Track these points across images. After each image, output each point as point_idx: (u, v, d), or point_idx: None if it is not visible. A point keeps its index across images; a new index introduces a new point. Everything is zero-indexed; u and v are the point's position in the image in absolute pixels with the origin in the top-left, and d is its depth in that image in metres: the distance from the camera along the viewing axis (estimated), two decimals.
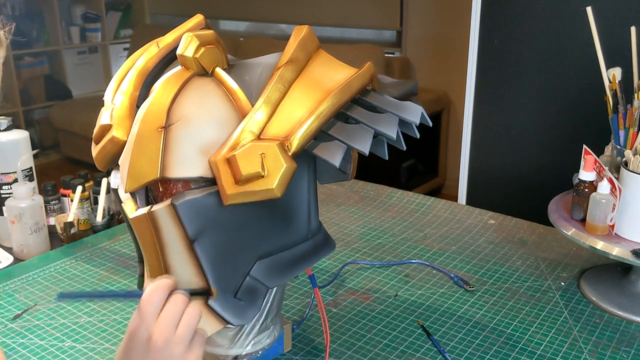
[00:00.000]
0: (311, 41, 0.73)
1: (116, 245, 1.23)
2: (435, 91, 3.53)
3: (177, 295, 0.64)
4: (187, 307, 0.63)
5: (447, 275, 1.10)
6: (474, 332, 0.93)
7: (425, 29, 3.64)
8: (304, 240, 0.76)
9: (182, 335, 0.62)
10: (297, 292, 1.05)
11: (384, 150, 0.75)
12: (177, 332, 0.62)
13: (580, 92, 1.39)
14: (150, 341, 0.61)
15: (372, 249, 1.20)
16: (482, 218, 1.33)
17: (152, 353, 0.61)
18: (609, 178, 0.96)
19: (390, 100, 0.71)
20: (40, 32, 4.30)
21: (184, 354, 0.62)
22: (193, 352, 0.63)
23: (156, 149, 0.68)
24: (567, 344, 0.90)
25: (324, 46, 0.75)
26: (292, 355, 0.89)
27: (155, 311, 0.62)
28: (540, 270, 1.11)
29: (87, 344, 0.91)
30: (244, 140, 0.66)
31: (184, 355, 0.62)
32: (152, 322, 0.62)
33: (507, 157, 1.56)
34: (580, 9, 1.25)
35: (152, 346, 0.61)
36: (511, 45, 1.49)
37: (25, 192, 1.21)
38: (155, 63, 0.77)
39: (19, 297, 1.04)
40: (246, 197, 0.65)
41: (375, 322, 0.96)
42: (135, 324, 0.62)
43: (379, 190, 1.49)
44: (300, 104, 0.68)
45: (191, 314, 0.63)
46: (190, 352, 0.63)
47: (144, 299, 0.62)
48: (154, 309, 0.62)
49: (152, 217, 0.69)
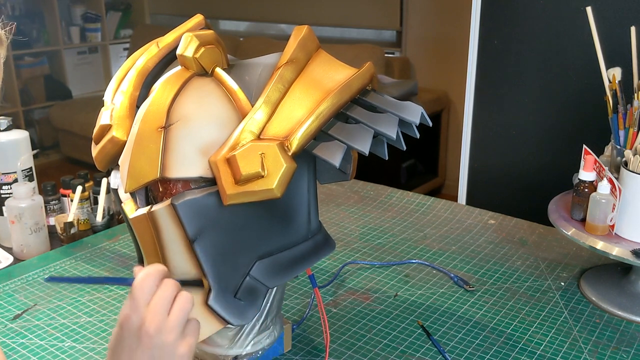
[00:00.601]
0: (311, 41, 0.73)
1: (116, 245, 1.23)
2: (435, 91, 3.53)
3: (169, 280, 0.62)
4: (178, 293, 0.62)
5: (447, 275, 1.10)
6: (474, 332, 0.93)
7: (425, 29, 3.64)
8: (304, 240, 0.76)
9: (174, 321, 0.60)
10: (297, 292, 1.05)
11: (383, 150, 0.75)
12: (169, 319, 0.60)
13: (580, 92, 1.39)
14: (141, 329, 0.59)
15: (372, 249, 1.20)
16: (482, 218, 1.33)
17: (144, 341, 0.59)
18: (609, 178, 0.96)
19: (390, 100, 0.71)
20: (40, 32, 4.30)
21: (176, 342, 0.60)
22: (186, 340, 0.61)
23: (156, 149, 0.68)
24: (567, 344, 0.90)
25: (324, 46, 0.75)
26: (292, 355, 0.89)
27: (146, 298, 0.60)
28: (540, 270, 1.11)
29: (87, 344, 0.91)
30: (243, 140, 0.66)
31: (176, 343, 0.60)
32: (143, 309, 0.60)
33: (507, 157, 1.56)
34: (580, 9, 1.25)
35: (144, 334, 0.59)
36: (511, 45, 1.49)
37: (25, 192, 1.21)
38: (155, 63, 0.77)
39: (19, 297, 1.04)
40: (246, 197, 0.65)
41: (375, 322, 0.96)
42: (127, 312, 0.61)
43: (379, 190, 1.49)
44: (300, 104, 0.68)
45: (183, 299, 0.61)
46: (183, 340, 0.61)
47: (136, 286, 0.61)
48: (146, 296, 0.60)
49: (152, 217, 0.69)
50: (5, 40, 0.63)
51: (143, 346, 0.60)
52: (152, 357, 0.60)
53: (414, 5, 3.63)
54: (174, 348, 0.60)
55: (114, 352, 0.62)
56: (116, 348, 0.61)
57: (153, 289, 0.61)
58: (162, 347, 0.60)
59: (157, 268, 0.62)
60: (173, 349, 0.60)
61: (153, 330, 0.59)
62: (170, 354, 0.60)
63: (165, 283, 0.61)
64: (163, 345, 0.60)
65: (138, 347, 0.60)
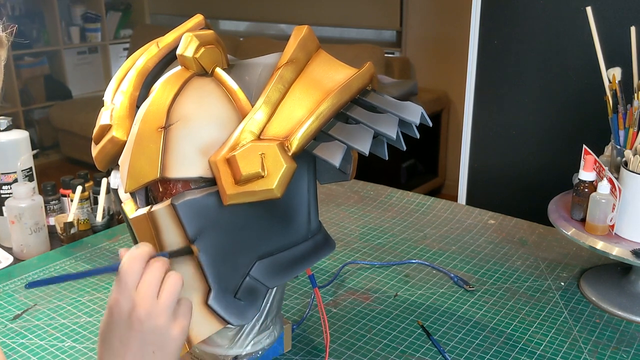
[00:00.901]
0: (311, 41, 0.73)
1: (116, 245, 1.23)
2: (435, 91, 3.53)
3: (156, 262, 0.61)
4: (167, 274, 0.60)
5: (447, 275, 1.10)
6: (474, 332, 0.93)
7: (425, 29, 3.64)
8: (304, 240, 0.76)
9: (165, 304, 0.59)
10: (297, 292, 1.05)
11: (383, 150, 0.75)
12: (159, 302, 0.59)
13: (580, 92, 1.39)
14: (132, 314, 0.58)
15: (372, 249, 1.20)
16: (482, 218, 1.33)
17: (135, 326, 0.58)
18: (608, 178, 0.96)
19: (390, 100, 0.71)
20: (40, 32, 4.30)
21: (168, 325, 0.59)
22: (178, 321, 0.60)
23: (156, 149, 0.68)
24: (567, 344, 0.90)
25: (324, 46, 0.75)
26: (292, 355, 0.89)
27: (134, 281, 0.59)
28: (540, 270, 1.11)
29: (87, 344, 0.91)
30: (243, 140, 0.66)
31: (168, 326, 0.59)
32: (131, 293, 0.59)
33: (507, 157, 1.56)
34: (580, 9, 1.25)
35: (135, 319, 0.58)
36: (511, 45, 1.49)
37: (25, 192, 1.21)
38: (155, 63, 0.77)
39: (19, 297, 1.04)
40: (246, 197, 0.65)
41: (375, 322, 0.96)
42: (115, 297, 0.59)
43: (379, 190, 1.49)
44: (300, 104, 0.68)
45: (172, 280, 0.60)
46: (175, 321, 0.60)
47: (122, 269, 0.59)
48: (133, 280, 0.59)
49: (152, 217, 0.68)
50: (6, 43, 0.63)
51: (135, 331, 0.59)
52: (144, 341, 0.59)
53: (414, 5, 3.63)
54: (167, 331, 0.59)
55: (104, 338, 0.61)
56: (107, 333, 0.60)
57: (140, 271, 0.60)
58: (154, 331, 0.59)
59: (143, 249, 0.61)
60: (166, 332, 0.59)
61: (144, 314, 0.58)
62: (163, 337, 0.59)
63: (152, 264, 0.60)
64: (155, 328, 0.59)
65: (130, 332, 0.59)
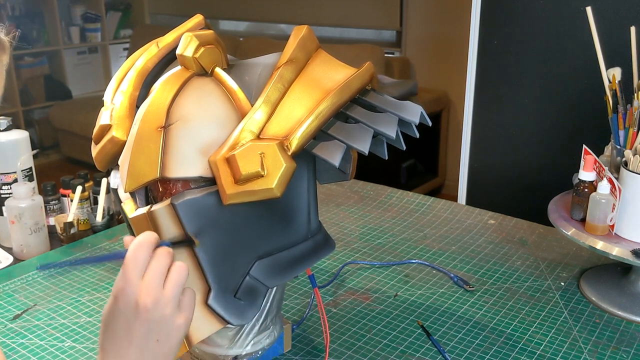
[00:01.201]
0: (311, 41, 0.73)
1: (116, 245, 1.23)
2: (435, 91, 3.53)
3: (162, 250, 0.61)
4: (173, 263, 0.61)
5: (447, 275, 1.10)
6: (474, 332, 0.93)
7: (425, 29, 3.64)
8: (304, 240, 0.76)
9: (170, 294, 0.59)
10: (297, 292, 1.05)
11: (383, 150, 0.75)
12: (164, 291, 0.59)
13: (580, 92, 1.39)
14: (138, 303, 0.59)
15: (372, 249, 1.20)
16: (482, 218, 1.33)
17: (141, 315, 0.59)
18: (608, 178, 0.96)
19: (389, 100, 0.71)
20: (40, 32, 4.30)
21: (174, 315, 0.60)
22: (183, 313, 0.61)
23: (156, 148, 0.68)
24: (567, 344, 0.90)
25: (324, 46, 0.75)
26: (292, 355, 0.89)
27: (140, 270, 0.59)
28: (540, 270, 1.11)
29: (87, 344, 0.91)
30: (243, 139, 0.66)
31: (174, 316, 0.60)
32: (138, 282, 0.59)
33: (507, 157, 1.56)
34: (580, 9, 1.25)
35: (142, 308, 0.58)
36: (511, 45, 1.49)
37: (25, 192, 1.21)
38: (155, 63, 0.77)
39: (19, 297, 1.04)
40: (246, 197, 0.65)
41: (375, 322, 0.96)
42: (121, 286, 0.59)
43: (378, 190, 1.49)
44: (300, 104, 0.68)
45: (178, 270, 0.60)
46: (180, 313, 0.61)
47: (129, 258, 0.59)
48: (139, 268, 0.59)
49: (152, 217, 0.68)
50: (9, 47, 0.63)
51: (141, 319, 0.59)
52: (150, 330, 0.59)
53: (414, 5, 3.63)
54: (172, 320, 0.60)
55: (107, 325, 0.61)
56: (111, 321, 0.60)
57: (147, 259, 0.60)
58: (159, 320, 0.59)
59: (149, 238, 0.61)
60: (171, 321, 0.60)
61: (150, 303, 0.59)
62: (168, 326, 0.60)
63: (159, 253, 0.61)
64: (161, 318, 0.59)
65: (135, 320, 0.59)
